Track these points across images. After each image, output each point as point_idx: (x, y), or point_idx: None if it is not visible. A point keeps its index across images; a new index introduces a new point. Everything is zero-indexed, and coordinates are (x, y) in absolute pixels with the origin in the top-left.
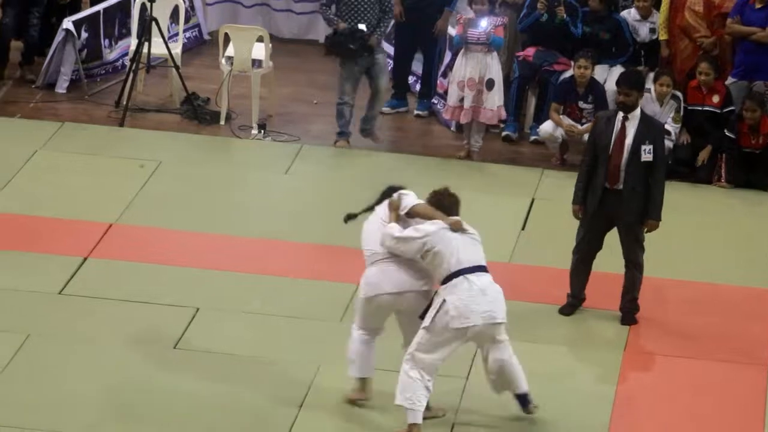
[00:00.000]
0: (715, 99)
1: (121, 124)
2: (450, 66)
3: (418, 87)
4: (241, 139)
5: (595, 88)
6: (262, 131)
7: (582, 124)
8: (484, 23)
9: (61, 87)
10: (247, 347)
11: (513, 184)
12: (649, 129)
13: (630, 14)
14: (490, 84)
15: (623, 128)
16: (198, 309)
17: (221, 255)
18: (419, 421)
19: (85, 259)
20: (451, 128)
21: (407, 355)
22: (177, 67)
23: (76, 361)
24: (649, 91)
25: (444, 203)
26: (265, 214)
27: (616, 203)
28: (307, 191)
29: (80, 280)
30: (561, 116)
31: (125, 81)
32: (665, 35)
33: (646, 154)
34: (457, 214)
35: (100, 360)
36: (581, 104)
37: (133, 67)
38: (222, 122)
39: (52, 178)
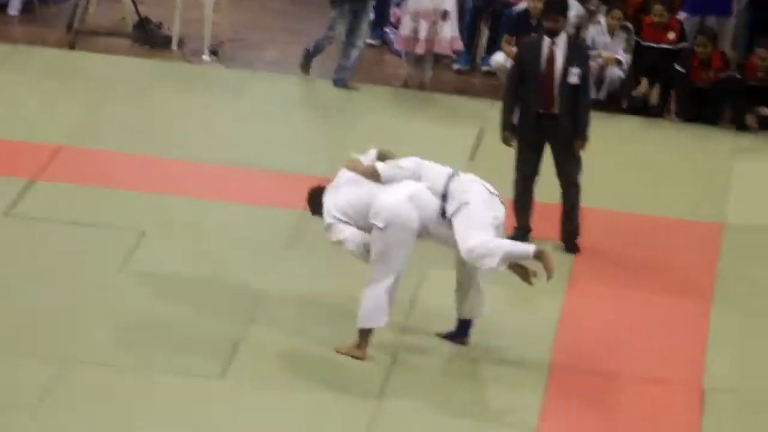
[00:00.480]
0: (671, 35)
1: (73, 48)
2: None
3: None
4: (193, 64)
5: None
6: (214, 57)
7: None
8: None
9: (14, 9)
10: (193, 271)
11: (463, 114)
12: (576, 52)
13: None
14: (445, 15)
15: (552, 53)
16: (144, 232)
17: (169, 179)
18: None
19: (33, 180)
20: (402, 58)
21: None
22: None
23: (19, 282)
24: (600, 23)
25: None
26: (215, 140)
27: (552, 126)
28: (258, 117)
29: (27, 201)
30: (513, 48)
31: (77, 4)
32: None
33: (574, 77)
34: None
35: (44, 281)
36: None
37: None
38: (174, 47)
39: (2, 100)
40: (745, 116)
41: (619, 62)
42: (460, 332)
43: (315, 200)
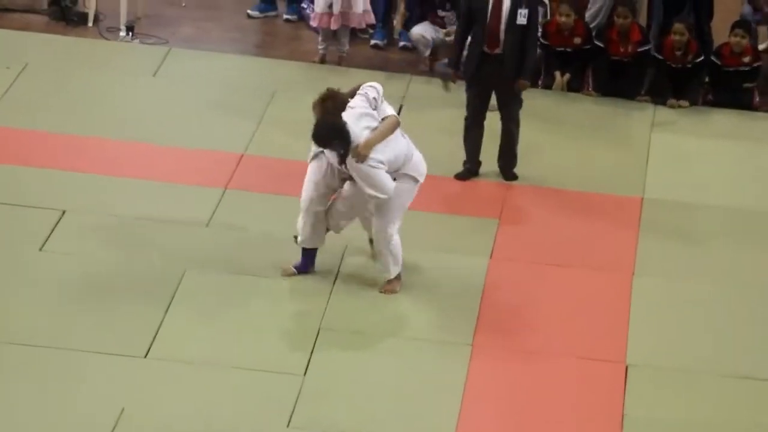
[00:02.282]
0: (576, 41)
1: None
2: None
3: None
4: (109, 41)
5: None
6: (130, 33)
7: None
8: None
9: None
10: (113, 250)
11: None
12: None
13: None
14: None
15: None
16: (64, 211)
17: (88, 158)
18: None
19: None
20: (319, 34)
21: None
22: None
23: None
24: None
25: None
26: (132, 117)
27: (496, 66)
28: (175, 94)
29: None
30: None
31: None
32: None
33: (521, 18)
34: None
35: None
36: (440, 12)
37: None
38: (90, 24)
39: None
40: (667, 99)
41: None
42: None
43: (337, 132)
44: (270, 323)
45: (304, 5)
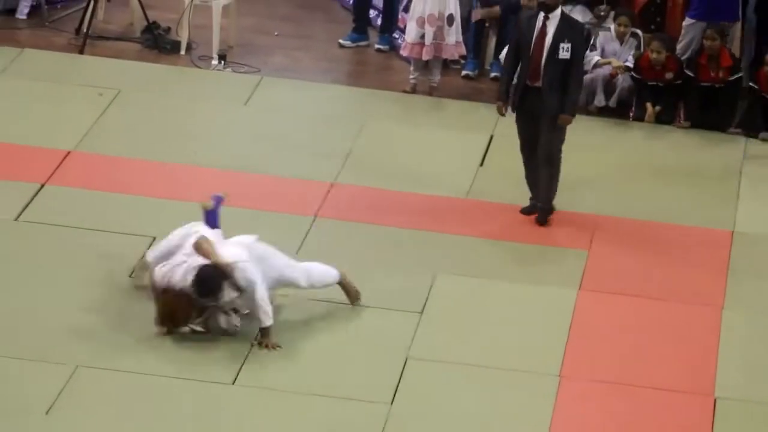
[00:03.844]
0: (668, 76)
1: (81, 52)
2: (410, 1)
3: (379, 21)
4: (201, 69)
5: None
6: (222, 62)
7: None
8: None
9: (22, 13)
10: None
11: (472, 120)
12: (569, 28)
13: None
14: (450, 19)
15: (544, 27)
16: (154, 238)
17: (178, 184)
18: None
19: (42, 185)
20: (411, 65)
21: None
22: None
23: (32, 287)
24: (609, 30)
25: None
26: (223, 145)
27: (537, 99)
28: (266, 123)
29: (37, 206)
30: None
31: (86, 8)
32: None
33: (564, 52)
34: None
35: (55, 286)
36: None
37: None
38: (182, 52)
39: (10, 104)
40: (759, 133)
41: (629, 69)
42: None
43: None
44: (356, 351)
45: (396, 35)
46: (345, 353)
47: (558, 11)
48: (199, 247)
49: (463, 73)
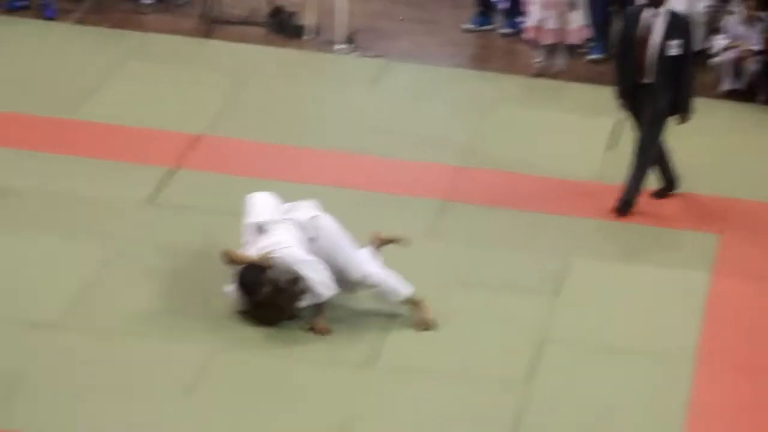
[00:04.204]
0: None
1: (207, 36)
2: None
3: (504, 5)
4: (327, 53)
5: None
6: (348, 46)
7: None
8: None
9: None
10: None
11: (598, 104)
12: (677, 24)
13: None
14: (573, 4)
15: (649, 24)
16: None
17: (306, 168)
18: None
19: (174, 169)
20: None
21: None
22: None
23: (164, 271)
24: (735, 13)
25: None
26: (350, 129)
27: (646, 96)
28: (392, 107)
29: (170, 190)
30: None
31: None
32: None
33: (674, 48)
34: None
35: (186, 270)
36: None
37: None
38: (307, 36)
39: (139, 88)
40: None
41: (756, 53)
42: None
43: None
44: (492, 333)
45: (520, 19)
46: (481, 335)
47: (667, 8)
48: (231, 261)
49: (589, 57)
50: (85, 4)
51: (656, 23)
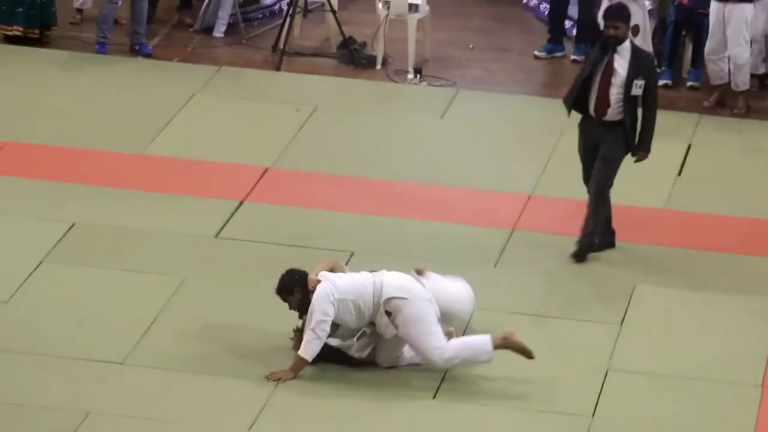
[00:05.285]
0: None
1: (278, 68)
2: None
3: (574, 31)
4: (397, 83)
5: None
6: (418, 75)
7: None
8: None
9: (219, 31)
10: None
11: (668, 130)
12: (641, 63)
13: None
14: (635, 30)
15: (611, 61)
16: (353, 253)
17: (377, 199)
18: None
19: (242, 202)
20: None
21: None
22: (334, 12)
23: (232, 305)
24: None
25: None
26: (420, 159)
27: (602, 133)
28: (463, 136)
29: (236, 223)
30: None
31: (282, 25)
32: None
33: (637, 88)
34: None
35: (254, 303)
36: None
37: (291, 12)
38: (378, 66)
39: (208, 121)
40: None
41: None
42: None
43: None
44: (556, 363)
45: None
46: (545, 365)
47: (627, 44)
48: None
49: (661, 82)
50: (156, 38)
51: (620, 60)
